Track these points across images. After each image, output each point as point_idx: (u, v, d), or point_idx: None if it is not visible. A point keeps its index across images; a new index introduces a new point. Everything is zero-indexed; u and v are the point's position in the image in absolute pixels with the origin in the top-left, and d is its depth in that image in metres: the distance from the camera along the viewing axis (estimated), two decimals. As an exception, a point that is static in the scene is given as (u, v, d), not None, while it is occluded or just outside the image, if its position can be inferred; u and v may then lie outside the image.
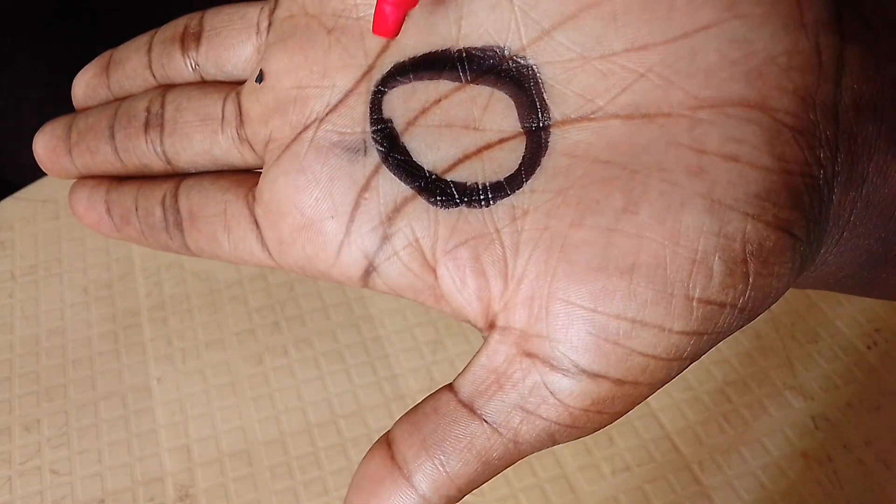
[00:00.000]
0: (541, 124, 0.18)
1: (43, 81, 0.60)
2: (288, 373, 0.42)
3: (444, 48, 0.19)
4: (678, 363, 0.17)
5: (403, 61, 0.19)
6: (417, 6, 0.19)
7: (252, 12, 0.22)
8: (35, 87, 0.60)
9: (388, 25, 0.18)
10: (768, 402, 0.40)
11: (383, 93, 0.19)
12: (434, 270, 0.19)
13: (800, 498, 0.37)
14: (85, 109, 0.23)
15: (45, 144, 0.23)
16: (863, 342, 0.43)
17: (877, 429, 0.39)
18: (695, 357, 0.17)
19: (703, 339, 0.17)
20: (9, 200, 0.50)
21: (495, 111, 0.19)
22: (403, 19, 0.18)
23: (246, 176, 0.22)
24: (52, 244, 0.48)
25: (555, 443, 0.18)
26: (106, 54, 0.24)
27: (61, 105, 0.25)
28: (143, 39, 0.23)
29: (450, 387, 0.19)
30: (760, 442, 0.39)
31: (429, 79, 0.19)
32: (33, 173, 0.50)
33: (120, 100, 0.23)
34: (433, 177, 0.19)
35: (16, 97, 0.59)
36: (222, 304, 0.45)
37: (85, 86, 0.24)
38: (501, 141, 0.19)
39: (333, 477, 0.37)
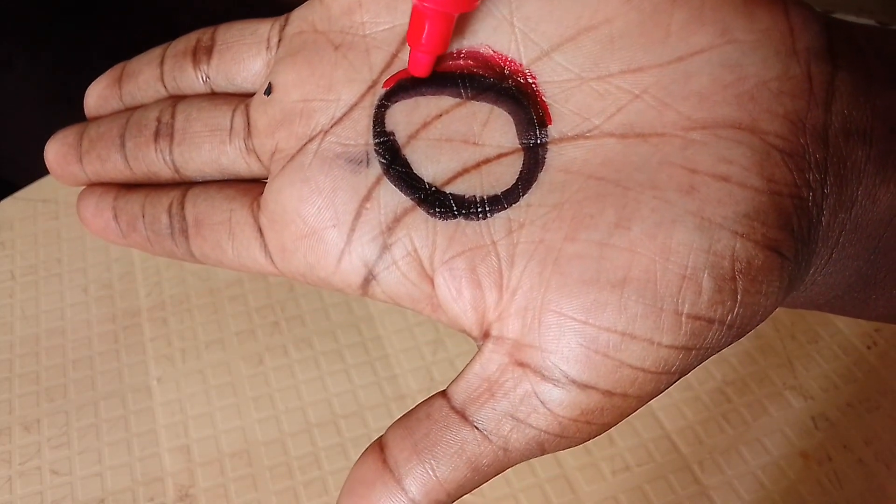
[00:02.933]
0: (538, 141, 0.19)
1: (43, 81, 0.60)
2: (288, 373, 0.42)
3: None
4: (666, 377, 0.18)
5: (407, 77, 0.20)
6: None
7: (263, 28, 0.22)
8: (35, 87, 0.60)
9: (422, 67, 0.19)
10: (768, 402, 0.40)
11: (386, 106, 0.20)
12: (431, 280, 0.19)
13: (800, 498, 0.37)
14: (96, 119, 0.24)
15: (57, 151, 0.23)
16: (863, 342, 0.43)
17: (877, 429, 0.39)
18: (683, 372, 0.18)
19: (692, 355, 0.17)
20: (9, 200, 0.50)
21: (494, 127, 0.19)
22: (434, 62, 0.20)
23: (251, 185, 0.22)
24: (52, 244, 0.48)
25: (544, 452, 0.18)
26: (119, 66, 0.24)
27: (61, 105, 0.25)
28: (155, 52, 0.24)
29: (443, 393, 0.19)
30: (760, 442, 0.39)
31: (431, 94, 0.20)
32: (33, 173, 0.50)
33: (131, 110, 0.23)
34: (433, 189, 0.19)
35: (16, 97, 0.59)
36: (222, 304, 0.45)
37: (97, 96, 0.24)
38: (500, 156, 0.19)
39: (333, 477, 0.37)
